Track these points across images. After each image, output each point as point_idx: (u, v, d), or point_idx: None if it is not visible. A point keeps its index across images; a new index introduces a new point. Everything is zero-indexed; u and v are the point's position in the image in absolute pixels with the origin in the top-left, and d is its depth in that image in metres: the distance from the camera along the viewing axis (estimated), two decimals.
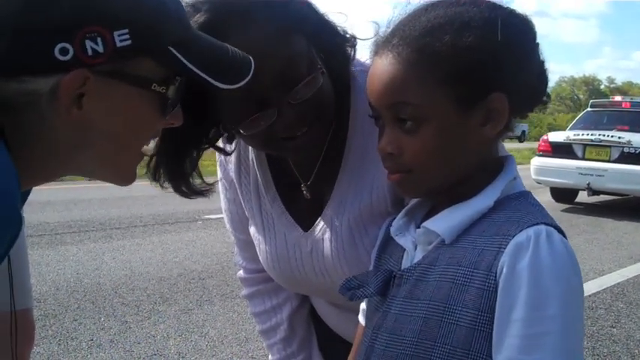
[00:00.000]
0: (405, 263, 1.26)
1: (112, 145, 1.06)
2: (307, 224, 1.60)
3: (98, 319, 5.04)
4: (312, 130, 1.39)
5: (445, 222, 1.19)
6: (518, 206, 1.17)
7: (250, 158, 1.64)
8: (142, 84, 1.02)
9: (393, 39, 1.18)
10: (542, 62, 1.25)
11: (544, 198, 11.81)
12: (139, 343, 4.60)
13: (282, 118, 1.33)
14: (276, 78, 1.30)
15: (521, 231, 1.09)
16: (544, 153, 12.20)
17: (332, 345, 1.82)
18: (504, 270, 1.07)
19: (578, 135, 11.81)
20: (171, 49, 1.03)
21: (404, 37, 1.16)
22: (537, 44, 1.23)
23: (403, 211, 1.34)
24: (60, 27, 0.93)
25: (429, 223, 1.21)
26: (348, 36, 1.48)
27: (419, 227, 1.25)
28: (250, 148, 1.62)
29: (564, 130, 12.67)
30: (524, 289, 1.05)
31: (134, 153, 1.12)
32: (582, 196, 12.37)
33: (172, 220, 9.44)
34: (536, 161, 12.21)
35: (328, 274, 1.58)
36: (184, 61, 1.04)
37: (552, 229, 1.10)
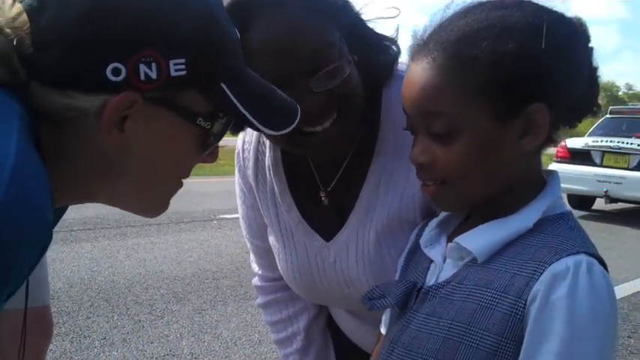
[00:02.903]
0: (431, 277, 1.20)
1: (147, 172, 1.02)
2: (328, 233, 1.54)
3: (111, 318, 5.03)
4: (335, 125, 1.32)
5: (480, 240, 1.13)
6: (557, 230, 1.11)
7: (267, 164, 1.59)
8: (188, 117, 0.98)
9: (429, 44, 1.12)
10: (594, 69, 1.17)
11: None
12: (151, 343, 4.59)
13: (302, 106, 1.23)
14: (299, 62, 1.26)
15: (559, 259, 1.04)
16: (562, 159, 12.10)
17: (350, 355, 1.78)
18: (537, 299, 1.02)
19: (597, 142, 11.71)
20: (224, 86, 0.99)
21: (440, 41, 1.10)
22: (590, 50, 1.15)
23: (435, 222, 1.29)
24: (116, 47, 0.90)
25: (463, 240, 1.15)
26: (388, 36, 1.44)
27: (450, 240, 1.20)
28: (267, 153, 1.58)
29: (581, 136, 12.59)
30: (559, 322, 1.00)
31: (167, 184, 1.08)
32: (599, 204, 12.27)
33: (188, 219, 9.43)
34: (554, 167, 12.12)
35: (353, 286, 1.54)
36: (233, 99, 1.00)
37: (593, 260, 1.05)
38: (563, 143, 12.53)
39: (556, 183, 1.18)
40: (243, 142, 1.64)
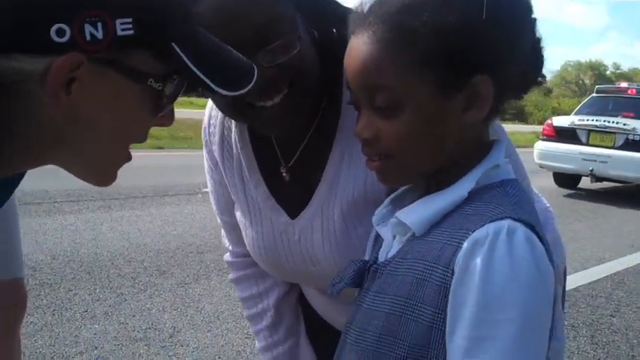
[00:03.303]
0: (382, 255, 1.20)
1: (96, 137, 0.99)
2: (295, 210, 1.52)
3: (93, 290, 5.01)
4: (286, 101, 1.30)
5: (417, 213, 1.12)
6: (492, 197, 1.09)
7: (233, 139, 1.56)
8: (138, 78, 0.95)
9: (369, 17, 1.10)
10: (538, 40, 1.15)
11: (546, 183, 11.77)
12: (133, 316, 4.57)
13: None
14: (249, 34, 1.23)
15: (482, 226, 1.02)
16: (548, 137, 12.14)
17: (322, 333, 1.76)
18: (458, 267, 1.00)
19: (583, 120, 11.75)
20: (175, 45, 0.96)
21: (380, 14, 1.08)
22: (533, 21, 1.14)
23: (388, 199, 1.27)
24: (61, 7, 0.87)
25: (401, 214, 1.14)
26: (352, 9, 1.40)
27: None
28: (233, 128, 1.55)
29: (568, 114, 12.60)
30: (473, 289, 0.98)
31: (118, 150, 1.04)
32: (585, 182, 12.33)
33: (172, 193, 9.38)
34: (540, 145, 12.16)
35: (318, 263, 1.52)
36: (186, 60, 0.97)
37: (518, 224, 1.02)
38: (549, 121, 12.59)
39: (498, 151, 1.16)
40: (209, 117, 1.62)
